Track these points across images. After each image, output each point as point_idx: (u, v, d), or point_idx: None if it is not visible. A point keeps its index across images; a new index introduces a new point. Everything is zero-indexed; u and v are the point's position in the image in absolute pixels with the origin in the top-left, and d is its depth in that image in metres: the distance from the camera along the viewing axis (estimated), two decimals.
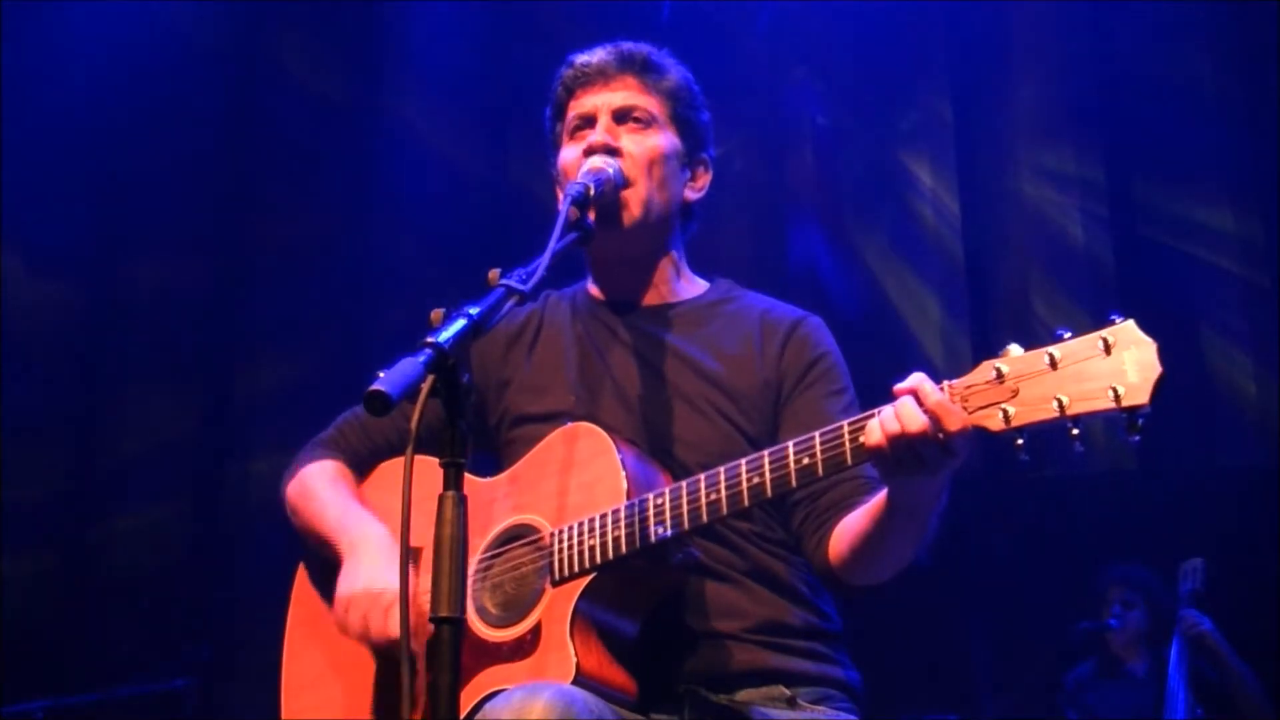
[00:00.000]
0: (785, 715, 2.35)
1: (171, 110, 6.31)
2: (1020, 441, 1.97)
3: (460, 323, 1.96)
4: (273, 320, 6.48)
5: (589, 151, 2.52)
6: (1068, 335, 1.95)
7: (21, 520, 6.03)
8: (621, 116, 2.58)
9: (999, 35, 6.48)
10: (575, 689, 2.14)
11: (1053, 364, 1.93)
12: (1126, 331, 1.90)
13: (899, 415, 2.02)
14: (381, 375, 1.85)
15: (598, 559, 2.26)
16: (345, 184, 6.62)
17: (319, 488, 2.62)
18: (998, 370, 1.98)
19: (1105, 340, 1.90)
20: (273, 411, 6.51)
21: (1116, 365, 1.88)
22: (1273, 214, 5.85)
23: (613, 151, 2.52)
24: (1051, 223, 6.25)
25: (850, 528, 2.32)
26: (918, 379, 2.04)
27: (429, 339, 1.91)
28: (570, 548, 2.29)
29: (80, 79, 6.30)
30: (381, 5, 6.71)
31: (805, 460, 2.14)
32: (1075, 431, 1.92)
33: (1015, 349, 1.99)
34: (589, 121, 2.59)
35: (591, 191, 2.37)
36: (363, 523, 2.53)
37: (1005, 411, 1.96)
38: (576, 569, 2.27)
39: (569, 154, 2.59)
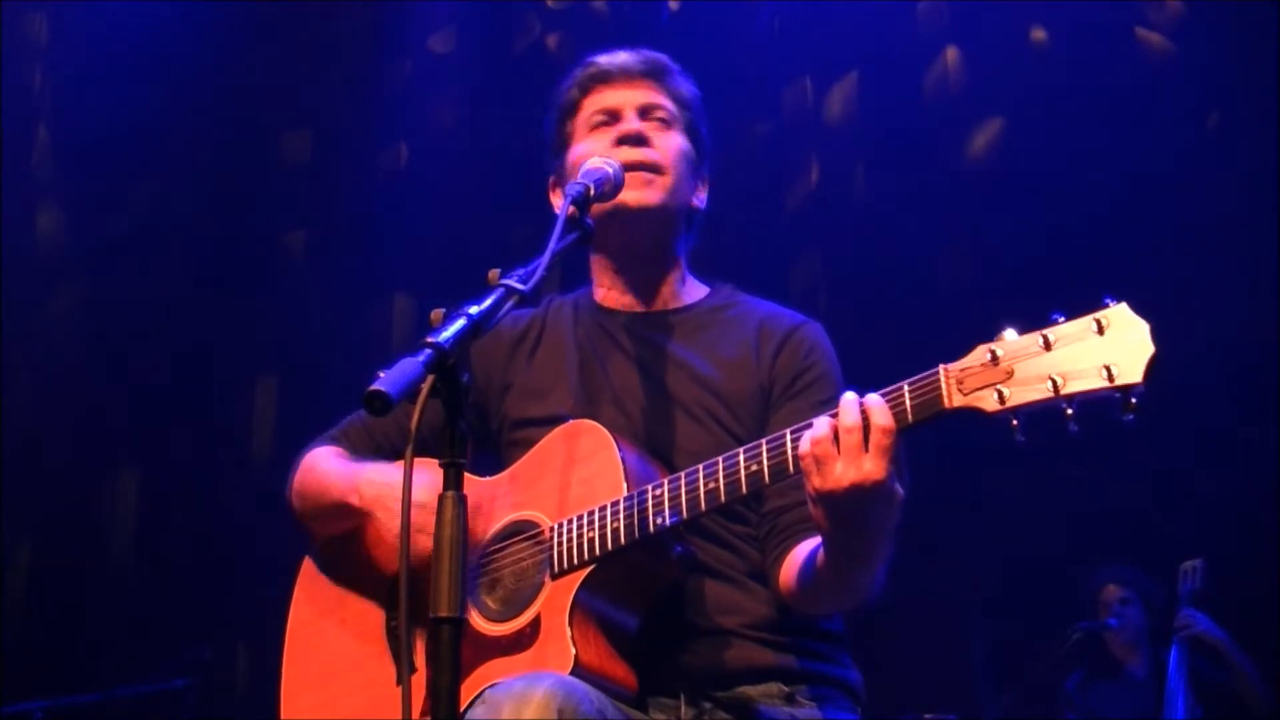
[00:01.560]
0: (783, 712, 2.35)
1: (173, 112, 6.31)
2: (1015, 423, 1.98)
3: (460, 323, 1.96)
4: (274, 320, 6.48)
5: (621, 140, 2.58)
6: (1061, 319, 1.97)
7: (21, 520, 6.03)
8: (644, 113, 2.64)
9: (1001, 35, 6.48)
10: (575, 679, 2.15)
11: (1047, 345, 1.96)
12: (1120, 314, 1.93)
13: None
14: (381, 375, 1.85)
15: (597, 550, 2.26)
16: (347, 186, 6.62)
17: (322, 462, 2.63)
18: (992, 353, 2.00)
19: (1099, 322, 1.93)
20: (274, 412, 6.52)
21: (1110, 345, 1.91)
22: (1273, 213, 5.85)
23: (644, 141, 2.58)
24: (1052, 216, 6.25)
25: (798, 559, 2.35)
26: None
27: (429, 339, 1.91)
28: (570, 540, 2.30)
29: (82, 80, 6.31)
30: (384, 6, 6.71)
31: None
32: (1070, 412, 1.93)
33: (1010, 333, 2.01)
34: (613, 116, 2.63)
35: (591, 191, 2.37)
36: (377, 468, 2.51)
37: (1000, 392, 1.98)
38: (576, 561, 2.28)
39: (590, 146, 2.60)
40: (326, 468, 2.60)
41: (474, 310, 2.01)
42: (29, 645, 5.94)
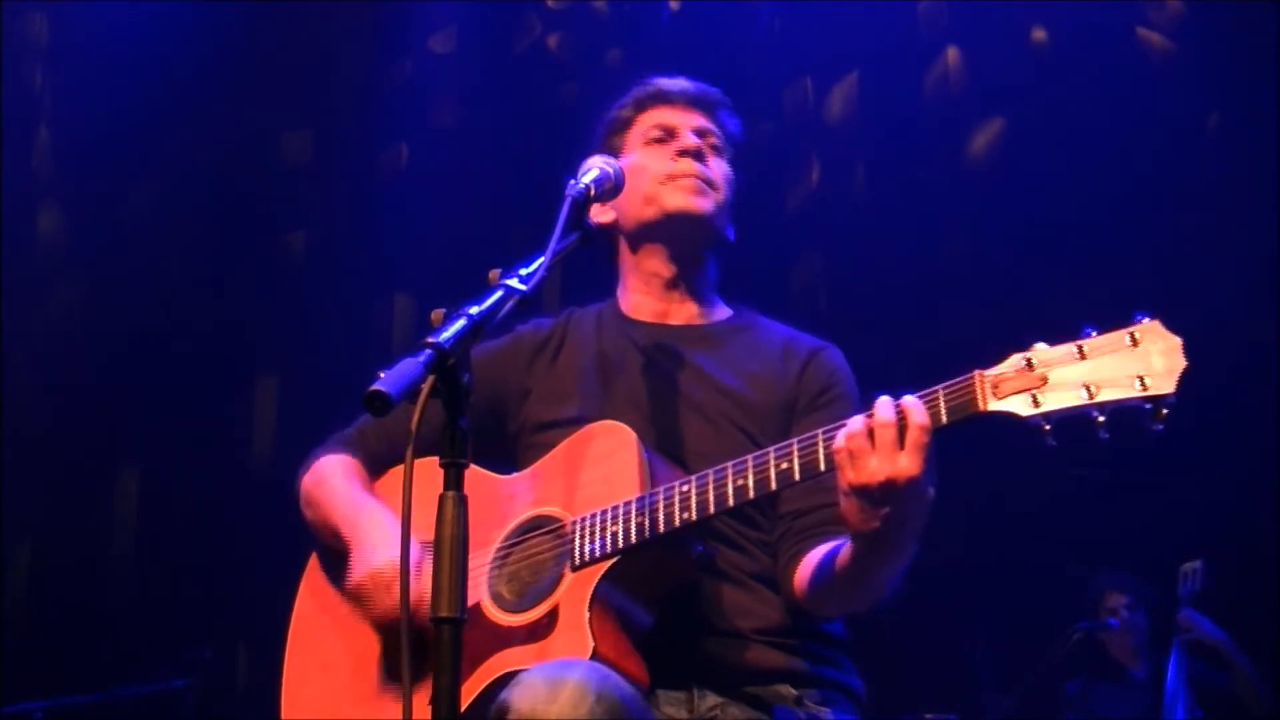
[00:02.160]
0: (789, 713, 2.37)
1: (173, 112, 6.30)
2: (1048, 428, 2.01)
3: (460, 323, 1.97)
4: (274, 320, 6.48)
5: (682, 153, 2.68)
6: (1094, 332, 2.01)
7: (21, 520, 6.03)
8: (699, 136, 2.73)
9: (1001, 35, 6.47)
10: (608, 668, 2.15)
11: (1081, 355, 2.01)
12: (1153, 329, 1.99)
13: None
14: (382, 375, 1.86)
15: (620, 544, 2.28)
16: (347, 186, 6.61)
17: (332, 478, 2.66)
18: (1027, 360, 2.04)
19: (1132, 335, 1.98)
20: (274, 412, 6.52)
21: (1143, 357, 1.97)
22: (1273, 213, 5.84)
23: (702, 157, 2.69)
24: (1056, 221, 6.24)
25: (815, 560, 2.37)
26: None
27: (429, 339, 1.92)
28: (592, 533, 2.31)
29: (82, 80, 6.30)
30: (384, 5, 6.71)
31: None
32: (1101, 419, 1.98)
33: (1042, 346, 2.05)
34: (670, 133, 2.73)
35: (592, 192, 2.39)
36: (372, 510, 2.56)
37: (1035, 397, 2.02)
38: (599, 553, 2.29)
39: (645, 159, 2.68)
40: (334, 489, 2.63)
41: (474, 310, 2.02)
42: (29, 645, 5.94)
